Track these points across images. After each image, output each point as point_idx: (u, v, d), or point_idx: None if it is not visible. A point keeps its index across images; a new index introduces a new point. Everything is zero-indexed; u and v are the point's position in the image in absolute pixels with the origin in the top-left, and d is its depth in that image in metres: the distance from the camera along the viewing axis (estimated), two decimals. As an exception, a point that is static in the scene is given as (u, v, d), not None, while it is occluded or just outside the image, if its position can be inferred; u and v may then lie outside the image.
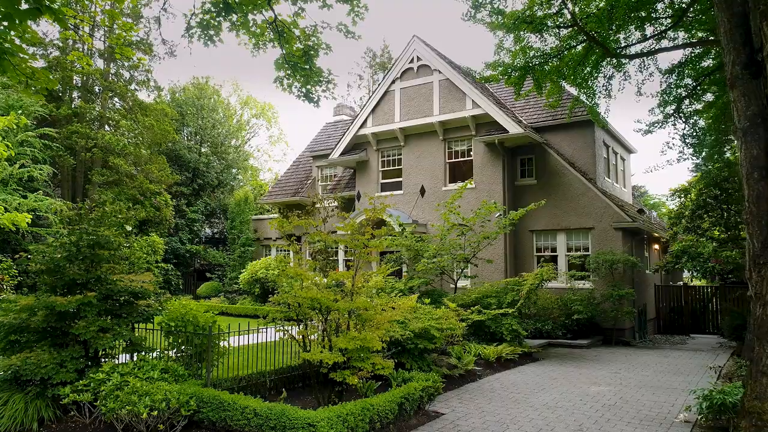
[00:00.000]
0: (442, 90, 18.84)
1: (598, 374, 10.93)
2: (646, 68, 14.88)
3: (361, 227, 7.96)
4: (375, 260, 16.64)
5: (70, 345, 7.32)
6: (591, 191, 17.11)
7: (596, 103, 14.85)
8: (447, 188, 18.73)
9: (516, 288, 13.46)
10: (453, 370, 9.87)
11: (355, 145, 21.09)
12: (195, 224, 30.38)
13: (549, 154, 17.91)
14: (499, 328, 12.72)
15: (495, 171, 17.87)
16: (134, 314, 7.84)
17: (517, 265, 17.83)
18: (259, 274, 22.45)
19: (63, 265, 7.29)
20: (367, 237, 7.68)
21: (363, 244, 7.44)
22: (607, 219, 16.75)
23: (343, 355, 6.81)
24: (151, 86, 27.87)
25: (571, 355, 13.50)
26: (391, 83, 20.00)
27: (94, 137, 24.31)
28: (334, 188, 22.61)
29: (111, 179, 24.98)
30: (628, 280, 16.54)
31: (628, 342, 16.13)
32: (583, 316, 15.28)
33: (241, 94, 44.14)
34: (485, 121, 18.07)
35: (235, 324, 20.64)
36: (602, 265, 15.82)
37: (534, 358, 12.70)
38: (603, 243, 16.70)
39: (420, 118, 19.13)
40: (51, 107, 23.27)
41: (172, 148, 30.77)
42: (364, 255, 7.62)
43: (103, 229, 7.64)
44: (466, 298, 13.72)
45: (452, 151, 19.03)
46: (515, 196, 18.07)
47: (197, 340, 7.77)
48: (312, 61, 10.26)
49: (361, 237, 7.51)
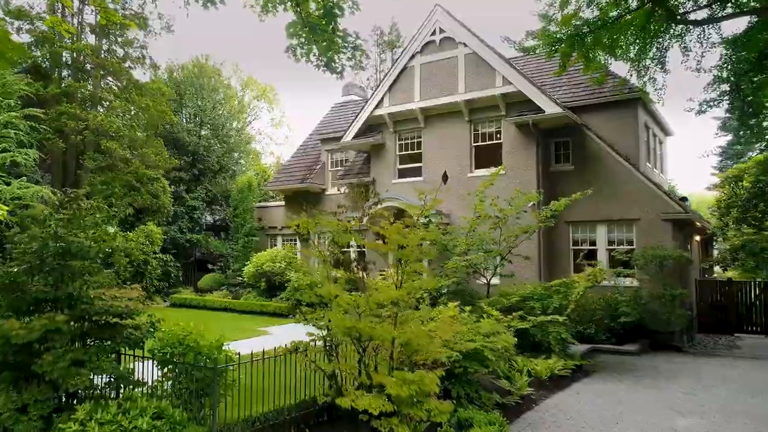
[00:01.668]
0: (468, 65, 16.96)
1: (671, 396, 9.27)
2: (707, 38, 13.03)
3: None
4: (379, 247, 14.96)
5: (35, 383, 5.67)
6: (636, 178, 15.35)
7: (653, 77, 13.04)
8: (473, 175, 16.96)
9: (563, 290, 11.78)
10: (506, 398, 8.22)
11: (370, 127, 19.28)
12: (195, 212, 28.65)
13: (588, 137, 16.10)
14: (546, 337, 11.07)
15: (528, 155, 16.08)
16: (118, 339, 6.17)
17: (551, 261, 16.14)
18: (265, 268, 20.80)
19: (22, 280, 5.60)
20: (419, 236, 5.97)
21: (415, 244, 5.72)
22: (654, 209, 15.01)
23: (391, 402, 5.15)
24: (146, 64, 25.96)
25: (624, 366, 11.86)
26: (410, 58, 18.12)
27: (86, 119, 22.47)
28: (346, 174, 20.84)
29: (104, 164, 23.19)
30: (677, 278, 14.86)
31: (678, 347, 14.48)
32: (631, 319, 13.63)
33: (242, 76, 42.16)
34: (517, 100, 16.24)
35: (241, 322, 19.14)
36: (651, 261, 14.10)
37: (585, 371, 11.05)
38: (649, 236, 14.98)
39: (443, 97, 17.29)
40: (38, 86, 21.37)
41: (170, 131, 28.92)
42: (413, 258, 5.90)
43: (77, 232, 5.94)
44: (504, 301, 12.04)
45: (479, 133, 17.22)
46: (549, 183, 16.28)
47: (199, 373, 6.10)
48: (335, 21, 8.46)
49: (412, 235, 5.79)
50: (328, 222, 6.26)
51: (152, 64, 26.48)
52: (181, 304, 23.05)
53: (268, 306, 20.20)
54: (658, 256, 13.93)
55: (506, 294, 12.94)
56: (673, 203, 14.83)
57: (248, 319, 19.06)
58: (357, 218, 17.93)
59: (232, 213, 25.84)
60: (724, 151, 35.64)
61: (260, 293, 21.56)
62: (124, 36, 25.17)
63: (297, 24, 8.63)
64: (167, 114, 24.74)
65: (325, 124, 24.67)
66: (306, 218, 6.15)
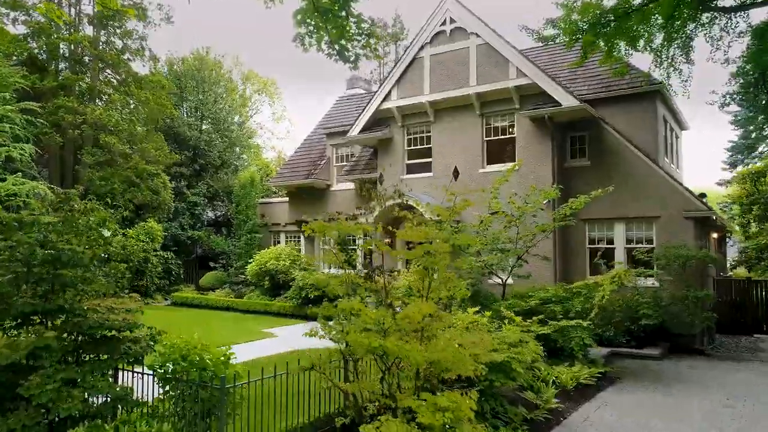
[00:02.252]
0: (480, 56, 16.31)
1: (709, 408, 8.68)
2: (735, 27, 12.38)
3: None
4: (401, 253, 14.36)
5: (22, 405, 5.09)
6: (657, 174, 14.73)
7: (678, 68, 12.41)
8: (484, 170, 16.35)
9: (584, 293, 11.20)
10: (533, 412, 7.65)
11: (377, 121, 18.65)
12: (196, 208, 28.05)
13: (606, 132, 15.47)
14: (568, 343, 10.49)
15: (542, 150, 15.46)
16: (115, 355, 5.59)
17: (566, 260, 15.55)
18: (269, 266, 20.22)
19: (7, 291, 5.01)
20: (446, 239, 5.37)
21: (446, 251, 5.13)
22: (675, 206, 14.40)
23: (422, 430, 4.57)
24: (146, 56, 25.31)
25: (648, 372, 11.28)
26: (420, 49, 17.46)
27: (83, 113, 21.83)
28: (352, 170, 20.22)
29: (103, 159, 22.57)
30: (698, 278, 14.27)
31: (701, 350, 13.92)
32: (653, 321, 13.04)
33: (242, 69, 41.42)
34: (531, 92, 15.60)
35: (244, 322, 18.53)
36: (674, 261, 13.50)
37: (610, 379, 10.48)
38: (671, 234, 14.38)
39: (453, 90, 16.65)
40: (34, 78, 20.74)
41: (171, 125, 28.27)
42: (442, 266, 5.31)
43: (69, 237, 5.35)
44: (522, 303, 11.46)
45: (491, 127, 16.59)
46: (565, 179, 15.65)
47: (205, 392, 5.52)
48: (348, 5, 7.84)
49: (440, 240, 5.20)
50: (348, 227, 5.68)
51: (152, 56, 25.83)
52: (183, 302, 22.50)
53: (272, 306, 19.64)
54: (682, 256, 13.33)
55: (523, 295, 12.37)
56: (695, 200, 14.22)
57: (252, 319, 18.50)
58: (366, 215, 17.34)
59: (234, 210, 25.23)
60: (735, 146, 35.01)
61: (264, 292, 20.99)
62: (122, 27, 24.49)
63: (306, 10, 8.01)
64: (167, 108, 24.11)
65: (330, 117, 24.02)
66: (322, 222, 5.56)
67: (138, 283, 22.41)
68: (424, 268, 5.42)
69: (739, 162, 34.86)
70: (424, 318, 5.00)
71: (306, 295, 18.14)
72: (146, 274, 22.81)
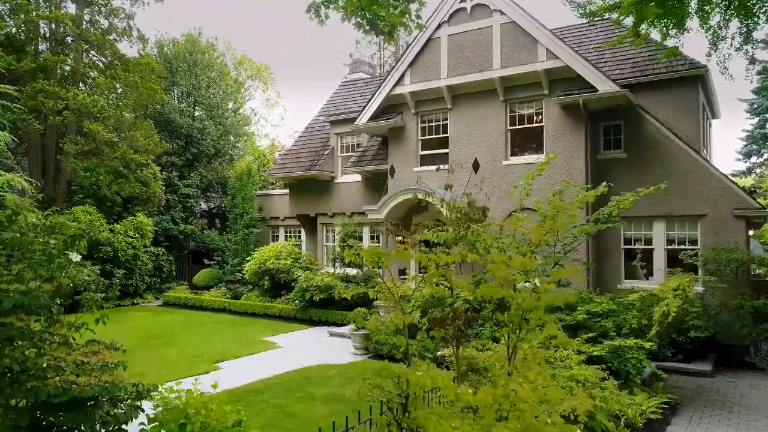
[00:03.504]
0: (504, 37, 14.75)
1: (801, 450, 7.35)
2: None
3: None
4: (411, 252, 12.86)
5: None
6: (702, 167, 13.32)
7: (741, 49, 10.92)
8: (509, 162, 14.86)
9: (640, 306, 9.79)
10: (613, 466, 6.24)
11: (387, 108, 17.08)
12: (189, 200, 26.37)
13: (644, 120, 14.01)
14: (623, 365, 9.11)
15: (574, 141, 13.98)
16: (88, 426, 4.09)
17: (599, 263, 14.14)
18: (269, 265, 18.70)
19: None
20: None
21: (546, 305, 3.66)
22: (724, 203, 13.01)
23: None
24: (134, 36, 23.49)
25: (707, 394, 9.93)
26: (436, 29, 15.84)
27: (65, 97, 20.07)
28: (359, 161, 18.65)
29: (87, 148, 20.84)
30: (745, 281, 12.94)
31: (752, 363, 12.60)
32: (703, 333, 11.69)
33: (235, 54, 39.47)
34: (562, 77, 14.09)
35: (243, 328, 16.76)
36: (726, 265, 12.13)
37: (672, 406, 9.12)
38: (718, 234, 13.01)
39: (474, 73, 15.08)
40: (10, 59, 18.95)
41: (161, 112, 26.48)
42: (535, 318, 3.85)
43: (21, 268, 3.81)
44: (567, 318, 10.04)
45: (515, 115, 15.07)
46: (598, 172, 14.21)
47: (211, 479, 4.04)
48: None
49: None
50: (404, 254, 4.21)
51: (140, 36, 24.00)
52: (175, 303, 20.97)
53: (272, 308, 18.16)
54: (736, 260, 11.95)
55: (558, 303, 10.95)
56: (747, 198, 12.84)
57: (251, 323, 17.01)
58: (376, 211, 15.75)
59: (230, 203, 23.61)
60: (750, 135, 33.70)
61: (263, 292, 19.49)
62: (108, 4, 22.63)
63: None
64: (157, 92, 22.34)
65: (333, 104, 22.37)
66: (374, 249, 4.06)
67: (127, 282, 20.82)
68: (516, 326, 3.83)
69: (755, 153, 33.59)
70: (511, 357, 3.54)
71: (310, 298, 16.66)
72: (135, 272, 21.20)
